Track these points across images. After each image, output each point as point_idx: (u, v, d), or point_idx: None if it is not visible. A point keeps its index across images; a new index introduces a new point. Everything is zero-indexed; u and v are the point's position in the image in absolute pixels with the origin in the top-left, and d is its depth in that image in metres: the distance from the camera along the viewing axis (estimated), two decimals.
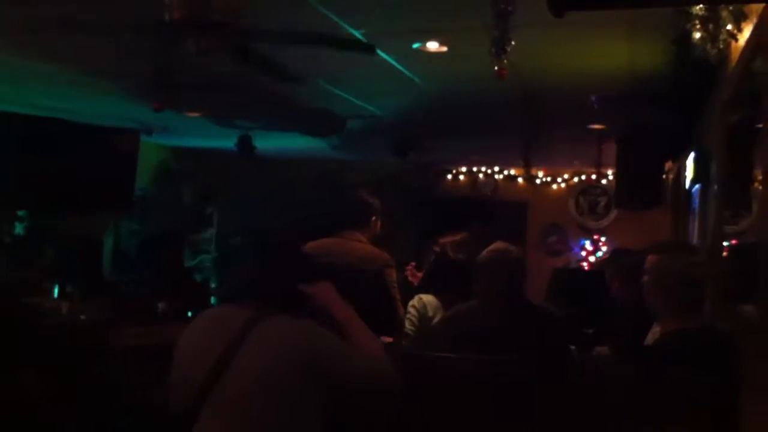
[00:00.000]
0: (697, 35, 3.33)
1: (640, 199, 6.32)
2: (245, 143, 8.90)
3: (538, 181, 11.31)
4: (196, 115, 7.88)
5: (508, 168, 11.51)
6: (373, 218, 4.65)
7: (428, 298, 4.47)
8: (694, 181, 5.27)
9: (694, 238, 5.43)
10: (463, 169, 11.77)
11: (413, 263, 5.36)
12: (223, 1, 3.10)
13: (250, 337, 2.49)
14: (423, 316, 4.39)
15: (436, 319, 4.27)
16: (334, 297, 2.64)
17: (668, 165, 6.84)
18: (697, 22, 3.25)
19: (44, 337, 4.35)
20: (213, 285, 9.98)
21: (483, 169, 11.66)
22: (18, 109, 8.00)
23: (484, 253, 3.69)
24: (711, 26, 3.24)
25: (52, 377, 3.69)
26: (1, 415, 3.40)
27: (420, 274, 5.05)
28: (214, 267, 10.37)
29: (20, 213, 8.27)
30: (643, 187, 6.13)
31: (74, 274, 7.03)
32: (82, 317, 5.93)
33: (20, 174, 8.05)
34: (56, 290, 6.53)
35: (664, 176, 6.77)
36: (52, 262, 7.32)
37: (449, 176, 11.86)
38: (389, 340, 4.49)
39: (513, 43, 3.36)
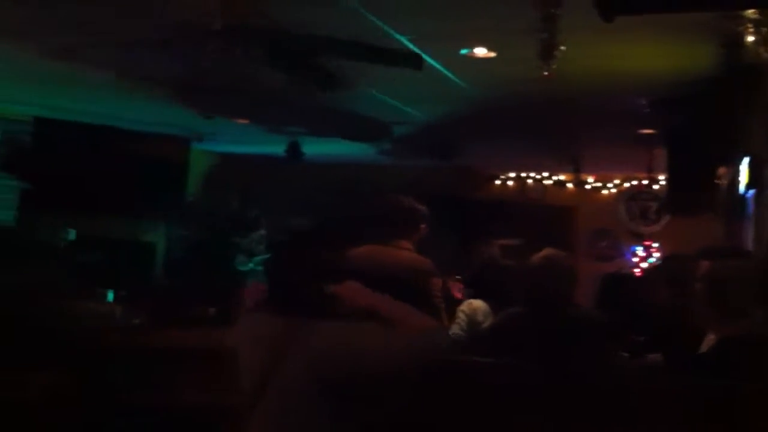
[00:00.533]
0: (750, 38, 3.28)
1: (693, 205, 6.21)
2: (294, 149, 8.96)
3: (587, 186, 11.19)
4: (245, 122, 7.95)
5: (557, 173, 11.41)
6: (422, 225, 4.62)
7: (478, 303, 4.45)
8: (748, 186, 5.17)
9: (749, 244, 5.33)
10: (512, 174, 11.69)
11: (459, 278, 5.32)
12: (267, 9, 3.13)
13: (293, 342, 2.52)
14: (472, 320, 4.37)
15: (485, 324, 4.25)
16: (361, 293, 2.62)
17: (721, 170, 6.71)
18: (749, 24, 3.19)
19: (97, 340, 4.42)
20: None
21: (532, 174, 11.58)
22: (72, 118, 8.16)
23: (533, 259, 3.67)
24: (765, 29, 3.19)
25: (103, 379, 3.75)
26: (56, 415, 3.47)
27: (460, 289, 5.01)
28: (264, 270, 10.43)
29: (71, 219, 8.42)
30: (696, 192, 6.02)
31: (126, 279, 7.14)
32: (136, 321, 6.01)
33: (73, 181, 8.21)
34: (110, 295, 6.63)
35: (717, 181, 6.65)
36: (105, 268, 7.43)
37: (497, 181, 11.79)
38: None
39: (561, 47, 3.34)
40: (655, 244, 10.62)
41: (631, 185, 11.01)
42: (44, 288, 3.98)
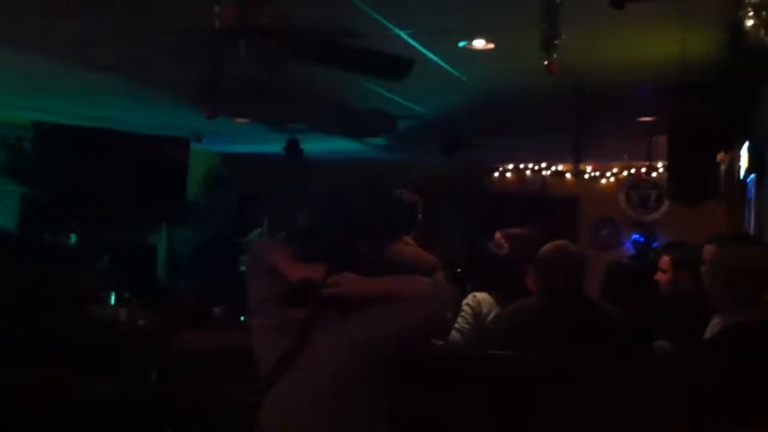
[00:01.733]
0: (750, 22, 3.28)
1: (695, 192, 6.21)
2: (293, 147, 8.96)
3: (586, 176, 11.21)
4: (245, 120, 7.96)
5: (556, 164, 11.43)
6: (419, 216, 4.64)
7: (482, 296, 4.45)
8: (748, 171, 5.19)
9: (750, 229, 5.35)
10: (510, 166, 11.71)
11: (459, 271, 5.31)
12: (273, 8, 3.13)
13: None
14: (477, 313, 4.36)
15: (490, 317, 4.26)
16: (352, 281, 2.62)
17: (720, 156, 6.73)
18: (749, 9, 3.19)
19: (105, 343, 4.43)
20: None
21: (530, 165, 11.60)
22: (69, 121, 8.16)
23: (543, 249, 3.68)
24: (764, 13, 3.19)
25: (109, 384, 3.76)
26: (61, 419, 3.47)
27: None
28: None
29: (73, 223, 8.43)
30: (697, 179, 6.03)
31: (129, 281, 7.14)
32: (141, 323, 6.02)
33: (73, 184, 8.21)
34: (113, 297, 6.63)
35: (717, 167, 6.66)
36: (107, 270, 7.44)
37: (496, 174, 11.82)
38: (439, 343, 4.50)
39: (563, 36, 3.34)
40: (655, 232, 10.66)
41: (630, 174, 11.04)
42: (57, 292, 3.97)
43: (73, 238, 8.40)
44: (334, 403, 2.56)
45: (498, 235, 4.98)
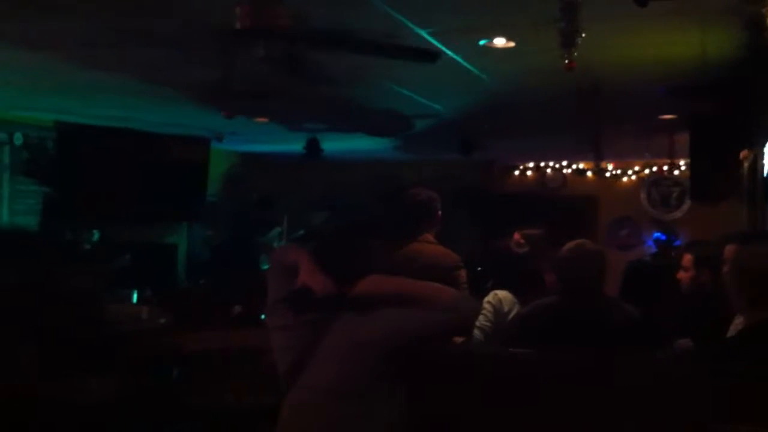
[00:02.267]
0: None
1: (717, 190, 6.18)
2: (313, 146, 8.98)
3: (607, 174, 11.16)
4: (264, 120, 7.98)
5: (577, 162, 11.38)
6: (438, 213, 4.65)
7: (503, 294, 4.45)
8: None
9: None
10: (530, 164, 11.68)
11: (480, 269, 5.30)
12: (289, 8, 3.14)
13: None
14: (498, 311, 4.37)
15: (511, 315, 4.26)
16: (379, 282, 2.65)
17: (743, 154, 6.68)
18: None
19: (126, 341, 4.46)
20: None
21: (551, 163, 11.56)
22: (90, 121, 8.22)
23: (564, 249, 3.67)
24: None
25: (130, 382, 3.79)
26: (79, 418, 3.50)
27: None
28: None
29: (94, 222, 8.49)
30: (720, 178, 6.00)
31: (150, 280, 7.18)
32: (162, 321, 6.05)
33: (94, 183, 8.27)
34: (135, 296, 6.67)
35: (739, 166, 6.61)
36: (128, 269, 7.49)
37: (516, 172, 11.78)
38: (460, 339, 4.50)
39: (583, 35, 3.33)
40: (677, 231, 10.60)
41: (651, 171, 10.98)
42: (75, 292, 4.00)
43: (96, 236, 8.47)
44: (350, 403, 2.56)
45: (517, 235, 4.97)
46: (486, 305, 4.43)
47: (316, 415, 2.59)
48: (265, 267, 10.12)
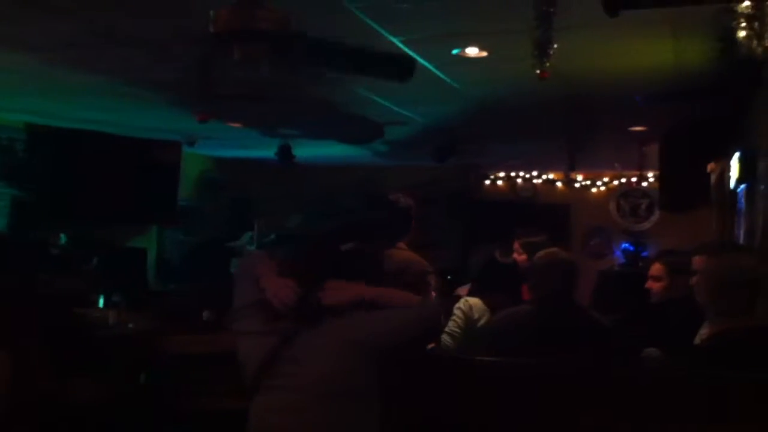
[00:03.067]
0: (743, 33, 3.30)
1: (685, 200, 6.25)
2: (285, 152, 8.96)
3: (577, 185, 11.25)
4: (238, 125, 7.96)
5: (547, 172, 11.47)
6: (413, 222, 4.64)
7: (474, 301, 4.46)
8: (739, 181, 5.20)
9: (740, 239, 5.36)
10: (502, 173, 11.75)
11: (449, 278, 5.30)
12: (268, 11, 3.13)
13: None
14: (469, 318, 4.38)
15: (481, 322, 4.27)
16: (343, 288, 2.66)
17: (711, 165, 6.76)
18: (742, 19, 3.21)
19: (94, 346, 4.42)
20: None
21: (521, 173, 11.64)
22: (62, 123, 8.15)
23: (536, 257, 3.69)
24: (756, 24, 3.21)
25: (101, 386, 3.76)
26: (50, 422, 3.46)
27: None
28: None
29: (64, 225, 8.40)
30: (688, 188, 6.06)
31: (120, 284, 7.11)
32: (130, 326, 6.00)
33: (64, 186, 8.20)
34: (102, 300, 6.61)
35: (708, 177, 6.69)
36: (97, 273, 7.42)
37: (488, 181, 11.84)
38: (431, 345, 4.50)
39: (555, 45, 3.35)
40: (646, 241, 10.71)
41: (621, 183, 11.09)
42: (43, 295, 3.97)
43: (63, 239, 8.38)
44: (323, 406, 2.57)
45: (516, 244, 4.99)
46: (456, 311, 4.44)
47: (296, 417, 2.59)
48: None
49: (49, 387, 3.41)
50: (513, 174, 11.70)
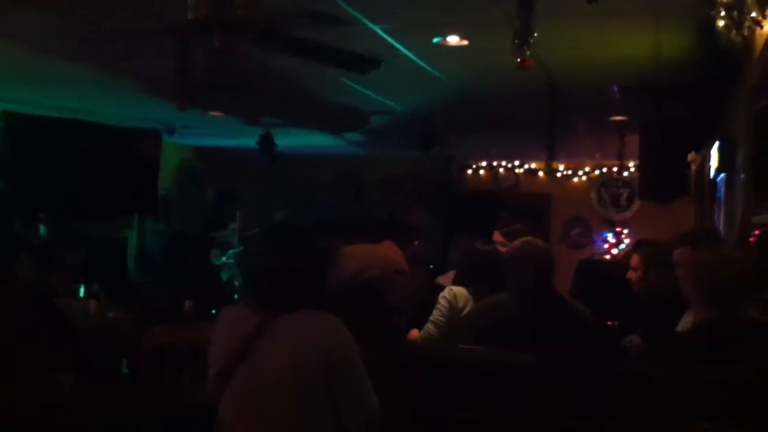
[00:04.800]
0: (721, 23, 3.30)
1: (665, 190, 6.27)
2: (266, 141, 8.91)
3: (558, 174, 11.29)
4: (218, 113, 7.92)
5: (529, 161, 11.49)
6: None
7: (458, 290, 4.46)
8: (718, 171, 5.23)
9: (720, 228, 5.39)
10: (483, 163, 11.77)
11: (432, 267, 5.30)
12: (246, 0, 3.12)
13: (266, 334, 2.59)
14: (453, 307, 4.37)
15: (465, 311, 4.27)
16: None
17: (691, 156, 6.79)
18: (721, 9, 3.22)
19: (76, 336, 4.39)
20: (236, 282, 10.01)
21: (503, 163, 11.66)
22: (40, 111, 8.07)
23: (512, 246, 3.68)
24: (735, 13, 3.21)
25: (82, 377, 3.73)
26: (30, 415, 3.44)
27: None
28: (236, 263, 10.39)
29: (43, 215, 8.34)
30: (668, 178, 6.09)
31: (99, 274, 7.07)
32: (110, 315, 5.97)
33: (42, 176, 8.13)
34: (82, 290, 6.57)
35: (687, 167, 6.72)
36: (77, 263, 7.37)
37: (470, 171, 11.86)
38: (416, 333, 4.51)
39: (536, 34, 3.35)
40: (626, 231, 10.76)
41: (602, 172, 11.13)
42: (23, 286, 3.93)
43: (42, 230, 8.32)
44: (287, 400, 2.57)
45: (497, 235, 5.00)
46: (441, 300, 4.44)
47: (260, 409, 2.59)
48: (218, 262, 10.05)
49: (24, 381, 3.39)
50: (495, 164, 11.72)
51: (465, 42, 4.78)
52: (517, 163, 11.58)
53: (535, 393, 3.19)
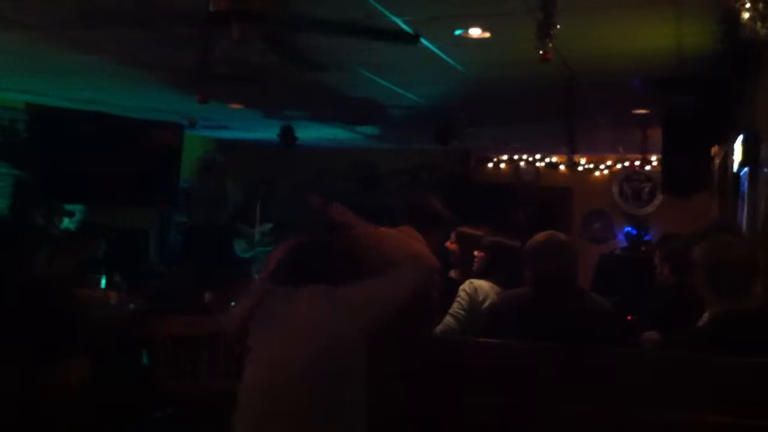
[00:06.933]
0: (746, 14, 3.27)
1: (688, 184, 6.22)
2: (287, 134, 8.93)
3: (580, 168, 11.22)
4: (239, 106, 7.94)
5: (550, 155, 11.44)
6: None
7: (479, 283, 4.43)
8: (742, 164, 5.18)
9: (743, 222, 5.35)
10: (504, 156, 11.72)
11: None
12: None
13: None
14: (473, 300, 4.34)
15: (486, 304, 4.25)
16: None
17: (714, 149, 6.73)
18: (746, 1, 3.18)
19: (95, 326, 4.42)
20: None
21: (524, 156, 11.61)
22: (64, 104, 8.12)
23: (534, 240, 3.65)
24: (761, 5, 3.18)
25: (100, 366, 3.76)
26: (48, 403, 3.48)
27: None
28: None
29: (67, 207, 8.41)
30: (690, 172, 6.04)
31: (121, 265, 7.13)
32: (131, 306, 6.02)
33: (64, 167, 8.18)
34: (104, 281, 6.62)
35: (711, 160, 6.67)
36: (99, 254, 7.43)
37: (490, 164, 11.82)
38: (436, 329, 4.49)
39: (558, 26, 3.33)
40: (648, 225, 10.70)
41: (624, 166, 11.06)
42: (46, 276, 3.97)
43: (66, 221, 8.39)
44: (313, 382, 2.57)
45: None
46: (461, 293, 4.41)
47: (285, 394, 2.59)
48: (245, 255, 10.07)
49: (45, 368, 3.41)
50: (516, 157, 11.67)
51: (487, 34, 4.75)
52: (538, 156, 11.53)
53: (553, 385, 3.18)
